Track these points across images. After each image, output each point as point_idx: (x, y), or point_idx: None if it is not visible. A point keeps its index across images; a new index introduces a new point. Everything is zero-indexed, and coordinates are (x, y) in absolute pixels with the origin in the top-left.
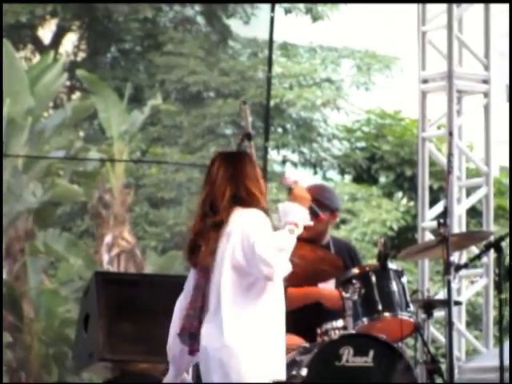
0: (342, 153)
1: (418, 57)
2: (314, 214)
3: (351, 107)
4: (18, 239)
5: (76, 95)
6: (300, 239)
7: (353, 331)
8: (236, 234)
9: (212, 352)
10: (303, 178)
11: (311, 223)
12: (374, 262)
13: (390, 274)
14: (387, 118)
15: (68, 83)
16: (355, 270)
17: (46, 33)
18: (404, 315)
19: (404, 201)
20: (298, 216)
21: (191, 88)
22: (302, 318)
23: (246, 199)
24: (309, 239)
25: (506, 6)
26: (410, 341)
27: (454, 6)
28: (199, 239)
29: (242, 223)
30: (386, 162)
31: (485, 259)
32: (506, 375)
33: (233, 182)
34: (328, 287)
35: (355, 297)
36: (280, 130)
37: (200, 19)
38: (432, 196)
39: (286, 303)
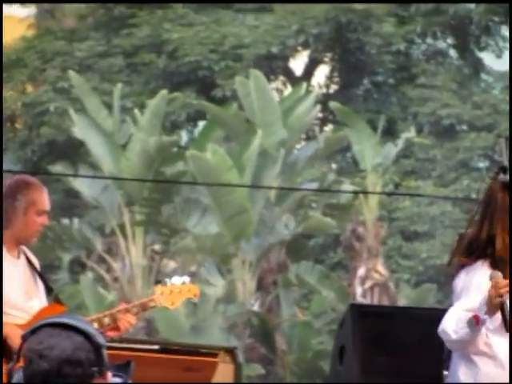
0: None
1: None
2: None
3: None
4: (271, 271)
5: (328, 127)
6: None
7: None
8: None
9: None
10: None
11: None
12: None
13: None
14: None
15: (320, 115)
16: None
17: (297, 64)
18: None
19: None
20: None
21: (444, 121)
22: None
23: None
24: None
25: None
26: None
27: None
28: None
29: None
30: None
31: None
32: None
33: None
34: None
35: None
36: None
37: (452, 52)
38: None
39: None
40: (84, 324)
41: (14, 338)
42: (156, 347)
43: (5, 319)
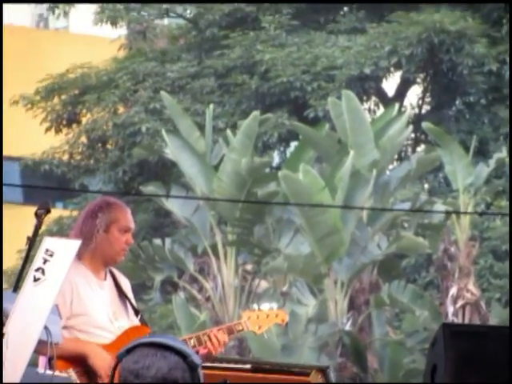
0: None
1: None
2: None
3: None
4: (363, 291)
5: (421, 148)
6: None
7: None
8: None
9: None
10: None
11: None
12: None
13: None
14: None
15: (413, 135)
16: None
17: (389, 85)
18: None
19: None
20: None
21: None
22: None
23: None
24: None
25: None
26: None
27: None
28: None
29: None
30: None
31: None
32: None
33: None
34: None
35: None
36: None
37: None
38: None
39: None
40: (179, 344)
41: (95, 357)
42: (248, 366)
43: (89, 339)
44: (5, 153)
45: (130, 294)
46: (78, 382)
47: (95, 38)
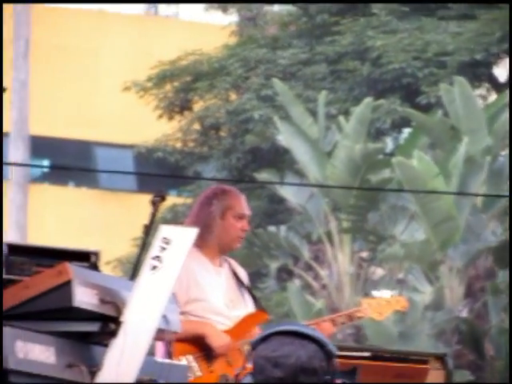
0: None
1: None
2: None
3: None
4: (478, 278)
5: None
6: None
7: None
8: None
9: None
10: None
11: None
12: None
13: None
14: None
15: None
16: None
17: (501, 71)
18: None
19: None
20: None
21: None
22: None
23: None
24: None
25: None
26: None
27: None
28: None
29: None
30: None
31: None
32: None
33: None
34: None
35: None
36: None
37: None
38: None
39: None
40: (316, 333)
41: (212, 336)
42: (367, 354)
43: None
44: (118, 140)
45: (248, 282)
46: (198, 368)
47: (205, 24)
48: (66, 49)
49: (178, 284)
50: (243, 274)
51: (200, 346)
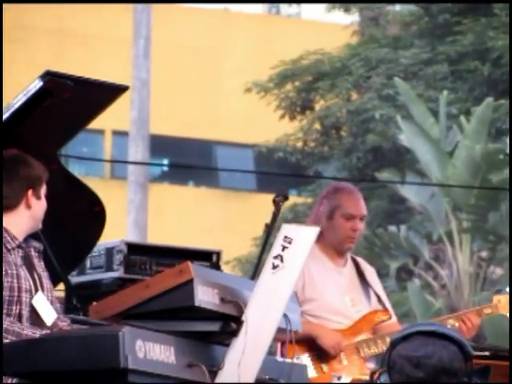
0: None
1: None
2: None
3: None
4: None
5: None
6: None
7: None
8: None
9: None
10: None
11: None
12: None
13: None
14: None
15: None
16: None
17: None
18: None
19: None
20: None
21: None
22: None
23: None
24: None
25: None
26: None
27: None
28: None
29: None
30: None
31: None
32: None
33: None
34: None
35: None
36: None
37: None
38: None
39: None
40: (457, 334)
41: (325, 337)
42: (487, 354)
43: (325, 324)
44: (238, 140)
45: (376, 282)
46: (312, 368)
47: (327, 24)
48: (188, 48)
49: (295, 284)
50: (371, 273)
51: (313, 346)
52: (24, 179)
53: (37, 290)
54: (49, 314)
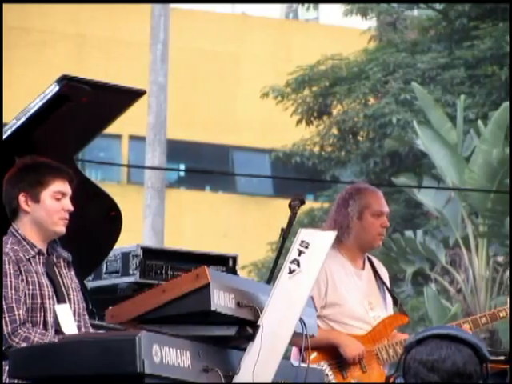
0: None
1: None
2: None
3: None
4: None
5: None
6: None
7: None
8: None
9: None
10: None
11: None
12: None
13: None
14: None
15: None
16: None
17: None
18: None
19: None
20: None
21: None
22: None
23: None
24: None
25: None
26: None
27: None
28: None
29: None
30: None
31: None
32: None
33: None
34: None
35: None
36: None
37: None
38: None
39: None
40: (472, 337)
41: (346, 346)
42: (502, 358)
43: (343, 329)
44: (255, 144)
45: (388, 284)
46: (332, 375)
47: (345, 29)
48: (205, 53)
49: (316, 288)
50: (384, 274)
51: (334, 354)
52: (15, 184)
53: (63, 301)
54: (69, 328)
